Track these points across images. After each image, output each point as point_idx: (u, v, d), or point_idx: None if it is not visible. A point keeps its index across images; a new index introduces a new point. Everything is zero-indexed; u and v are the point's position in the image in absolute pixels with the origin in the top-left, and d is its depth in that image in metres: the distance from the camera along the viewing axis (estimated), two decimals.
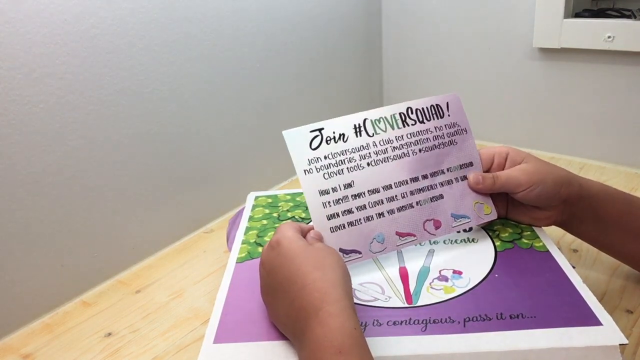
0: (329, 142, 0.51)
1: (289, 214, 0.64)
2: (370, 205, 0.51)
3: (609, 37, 0.81)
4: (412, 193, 0.53)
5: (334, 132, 0.51)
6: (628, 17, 0.84)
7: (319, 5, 0.91)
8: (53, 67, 0.57)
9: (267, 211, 0.65)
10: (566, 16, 0.85)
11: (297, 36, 0.88)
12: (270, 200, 0.68)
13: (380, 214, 0.51)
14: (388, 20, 1.08)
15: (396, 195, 0.52)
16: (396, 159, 0.53)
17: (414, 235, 0.52)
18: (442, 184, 0.54)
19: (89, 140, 0.62)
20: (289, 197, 0.68)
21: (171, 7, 0.68)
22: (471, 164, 0.56)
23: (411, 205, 0.53)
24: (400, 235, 0.52)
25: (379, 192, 0.52)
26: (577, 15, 0.88)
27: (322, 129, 0.51)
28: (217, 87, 0.77)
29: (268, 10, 0.81)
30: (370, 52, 1.08)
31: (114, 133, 0.65)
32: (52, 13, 0.56)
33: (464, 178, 0.55)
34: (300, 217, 0.63)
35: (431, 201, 0.53)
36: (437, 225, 0.53)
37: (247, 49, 0.80)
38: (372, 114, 0.53)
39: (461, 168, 0.55)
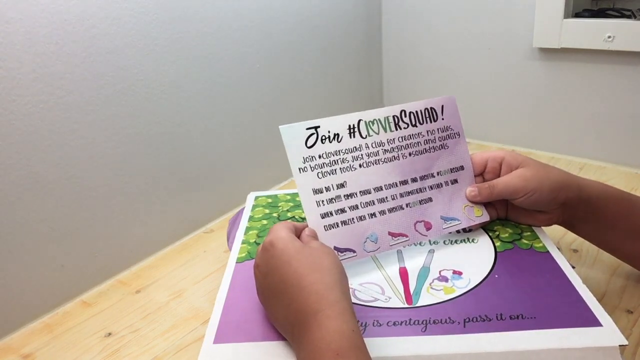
0: (324, 141, 0.51)
1: (289, 214, 0.64)
2: (362, 206, 0.52)
3: (609, 37, 0.81)
4: (401, 195, 0.53)
5: (329, 132, 0.51)
6: (628, 17, 0.84)
7: (319, 5, 0.91)
8: (53, 67, 0.57)
9: (267, 211, 0.65)
10: (566, 16, 0.85)
11: (297, 36, 0.88)
12: (270, 200, 0.68)
13: (372, 214, 0.52)
14: (388, 20, 1.07)
15: (386, 197, 0.53)
16: (387, 162, 0.53)
17: (406, 236, 0.53)
18: (431, 187, 0.55)
19: (89, 140, 0.62)
20: (289, 197, 0.68)
21: (171, 7, 0.68)
22: (462, 167, 0.56)
23: (401, 207, 0.53)
24: (392, 235, 0.52)
25: (370, 193, 0.52)
26: (577, 15, 0.88)
27: (318, 127, 0.51)
28: (217, 87, 0.77)
29: (268, 10, 0.81)
30: (370, 52, 1.08)
31: (114, 133, 0.65)
32: (52, 13, 0.56)
33: (455, 181, 0.56)
34: (300, 217, 0.63)
35: (420, 204, 0.54)
36: (428, 226, 0.54)
37: (247, 49, 0.80)
38: (367, 115, 0.53)
39: (452, 172, 0.56)
